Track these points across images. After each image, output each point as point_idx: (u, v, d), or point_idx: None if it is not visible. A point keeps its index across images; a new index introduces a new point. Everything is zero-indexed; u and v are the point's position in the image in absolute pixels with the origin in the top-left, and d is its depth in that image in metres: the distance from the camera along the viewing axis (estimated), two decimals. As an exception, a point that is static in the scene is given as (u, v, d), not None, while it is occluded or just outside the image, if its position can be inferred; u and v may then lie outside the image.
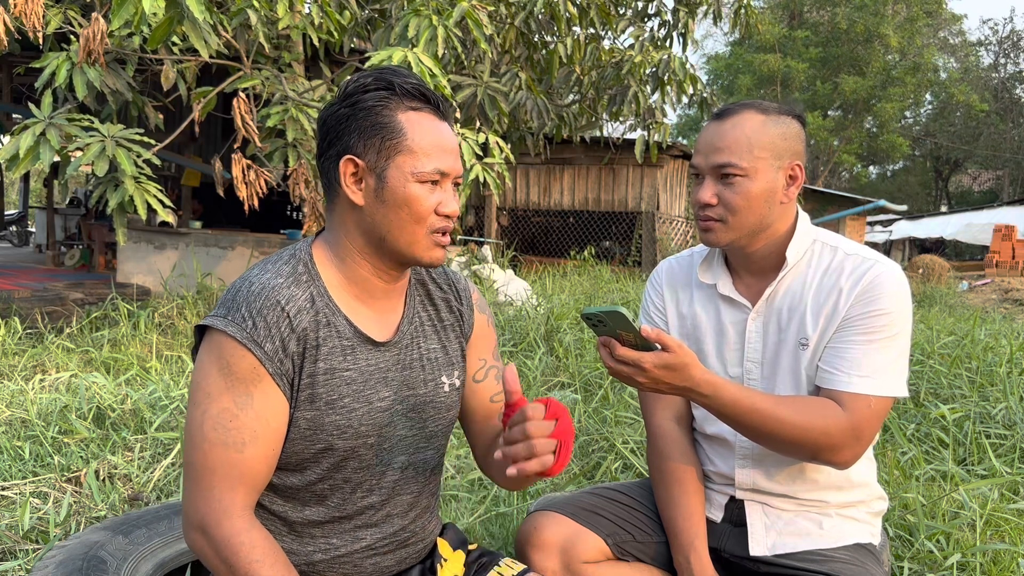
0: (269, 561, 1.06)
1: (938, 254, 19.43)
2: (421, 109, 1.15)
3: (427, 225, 1.15)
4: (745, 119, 1.35)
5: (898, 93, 26.48)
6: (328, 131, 1.16)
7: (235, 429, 1.08)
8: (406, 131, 1.13)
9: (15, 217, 15.73)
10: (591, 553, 1.44)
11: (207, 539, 1.08)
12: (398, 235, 1.15)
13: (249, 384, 1.09)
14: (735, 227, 1.37)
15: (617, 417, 3.10)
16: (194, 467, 1.09)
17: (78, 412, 2.91)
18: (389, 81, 1.14)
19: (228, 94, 4.95)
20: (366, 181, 1.14)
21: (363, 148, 1.13)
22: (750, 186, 1.34)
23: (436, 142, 1.14)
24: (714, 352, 1.48)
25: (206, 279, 6.67)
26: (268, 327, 1.10)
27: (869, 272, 1.35)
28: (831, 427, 1.28)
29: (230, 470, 1.08)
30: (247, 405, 1.09)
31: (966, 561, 1.94)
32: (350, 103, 1.15)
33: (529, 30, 6.57)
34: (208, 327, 1.12)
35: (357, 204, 1.15)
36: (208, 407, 1.09)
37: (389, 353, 1.21)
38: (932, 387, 3.65)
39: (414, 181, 1.13)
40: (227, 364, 1.09)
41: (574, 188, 12.00)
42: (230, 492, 1.08)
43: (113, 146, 4.04)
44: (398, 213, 1.13)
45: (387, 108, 1.13)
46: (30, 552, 1.96)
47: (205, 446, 1.08)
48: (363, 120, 1.13)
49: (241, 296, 1.12)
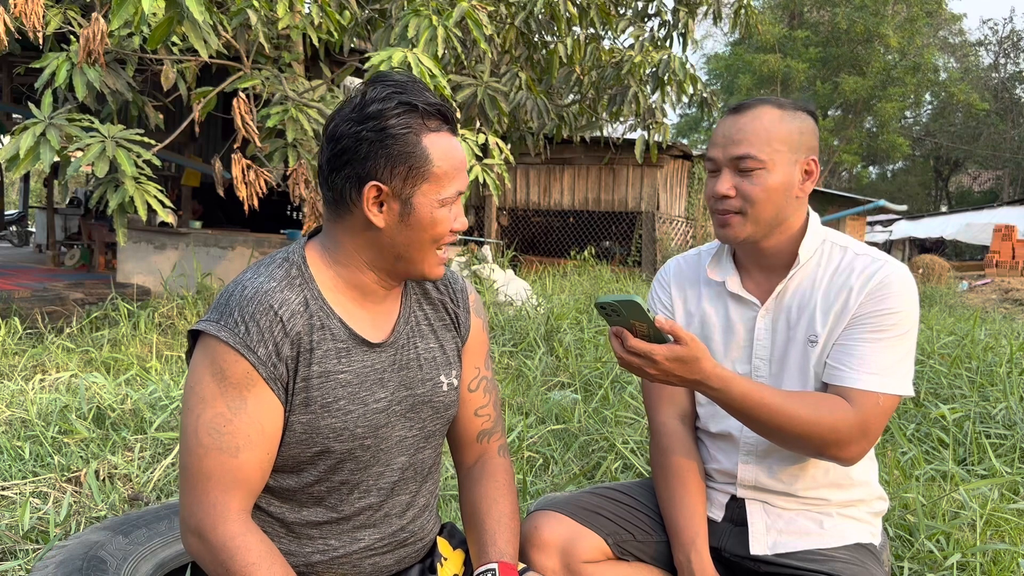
0: (266, 564, 1.06)
1: (938, 254, 19.43)
2: (440, 129, 1.15)
3: (441, 242, 1.18)
4: (763, 112, 1.36)
5: (898, 93, 26.48)
6: (345, 151, 1.13)
7: (229, 434, 1.09)
8: (431, 158, 1.13)
9: (15, 217, 15.74)
10: (591, 553, 1.44)
11: (203, 543, 1.08)
12: (414, 254, 1.17)
13: (242, 389, 1.09)
14: (753, 219, 1.37)
15: (617, 417, 3.10)
16: (189, 472, 1.10)
17: (78, 412, 2.91)
18: (413, 104, 1.13)
19: (228, 94, 4.95)
20: (389, 205, 1.14)
21: (389, 175, 1.12)
22: (768, 178, 1.35)
23: (455, 164, 1.16)
24: (722, 349, 1.49)
25: (206, 279, 6.68)
26: (261, 332, 1.10)
27: (880, 272, 1.35)
28: (839, 423, 1.29)
29: (225, 474, 1.09)
30: (241, 410, 1.09)
31: (966, 561, 1.94)
32: (375, 128, 1.11)
33: (529, 30, 6.56)
34: (201, 332, 1.12)
35: (376, 225, 1.15)
36: (202, 412, 1.09)
37: (385, 354, 1.21)
38: (932, 387, 3.65)
39: (440, 207, 1.15)
40: (220, 369, 1.09)
41: (574, 188, 12.00)
42: (225, 496, 1.09)
43: (113, 147, 4.04)
44: (420, 236, 1.15)
45: (412, 134, 1.12)
46: (30, 552, 1.96)
47: (200, 451, 1.09)
48: (391, 147, 1.12)
49: (234, 301, 1.12)
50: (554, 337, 4.78)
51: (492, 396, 1.39)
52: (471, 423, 1.37)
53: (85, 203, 11.57)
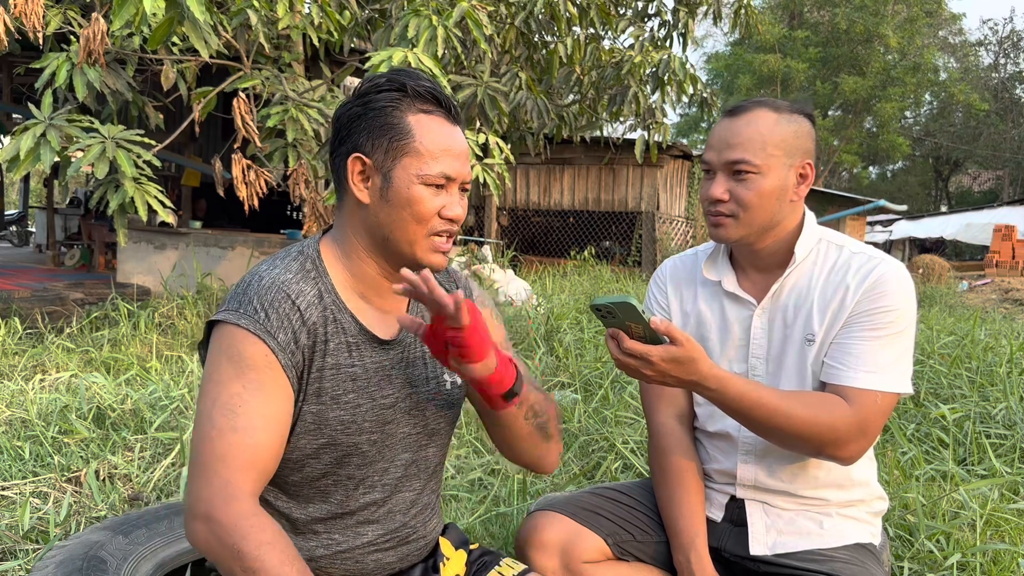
0: (280, 545, 1.03)
1: (938, 254, 19.42)
2: (432, 112, 1.16)
3: (429, 227, 1.15)
4: (758, 116, 1.36)
5: (898, 93, 26.47)
6: (340, 128, 1.18)
7: (244, 415, 1.07)
8: (414, 133, 1.14)
9: (15, 217, 15.75)
10: (591, 553, 1.45)
11: (213, 526, 1.03)
12: (400, 235, 1.16)
13: (260, 372, 1.09)
14: (745, 223, 1.38)
15: (617, 417, 3.11)
16: (201, 455, 1.07)
17: (78, 412, 2.91)
18: (402, 83, 1.15)
19: (228, 94, 4.95)
20: (372, 180, 1.15)
21: (371, 147, 1.15)
22: (762, 183, 1.35)
23: (444, 146, 1.15)
24: (718, 349, 1.49)
25: (206, 279, 6.67)
26: (280, 319, 1.11)
27: (876, 270, 1.35)
28: (837, 422, 1.29)
29: (238, 455, 1.06)
30: (257, 392, 1.09)
31: (966, 561, 1.94)
32: (362, 102, 1.16)
33: (529, 30, 6.56)
34: (219, 321, 1.12)
35: (363, 202, 1.16)
36: (218, 394, 1.08)
37: (393, 351, 1.22)
38: (932, 387, 3.65)
39: (419, 183, 1.13)
40: (239, 352, 1.09)
41: (574, 188, 12.00)
42: (238, 476, 1.06)
43: (113, 147, 4.04)
44: (401, 213, 1.14)
45: (397, 109, 1.14)
46: (30, 552, 1.96)
47: (213, 433, 1.07)
48: (373, 120, 1.14)
49: (252, 290, 1.13)
50: (554, 337, 4.78)
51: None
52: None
53: (85, 203, 11.57)
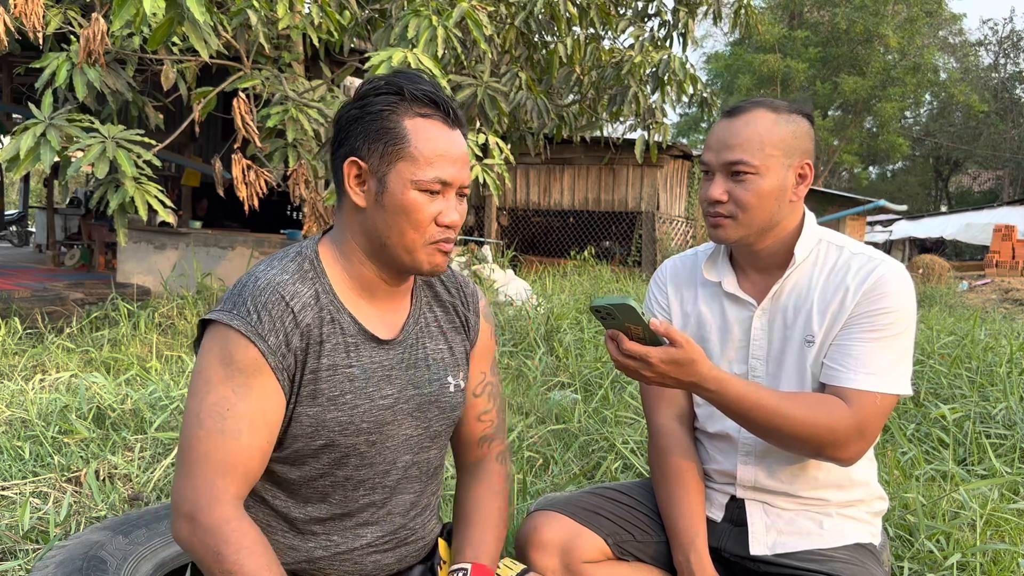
0: (259, 551, 1.05)
1: (938, 254, 19.43)
2: (431, 116, 1.15)
3: (426, 235, 1.15)
4: (757, 117, 1.36)
5: (898, 93, 26.46)
6: (339, 131, 1.18)
7: (232, 418, 1.09)
8: (410, 137, 1.13)
9: (15, 217, 15.75)
10: (591, 553, 1.45)
11: (195, 527, 1.06)
12: (397, 241, 1.15)
13: (249, 375, 1.10)
14: (744, 224, 1.38)
15: (617, 417, 3.10)
16: (188, 454, 1.09)
17: (78, 412, 2.91)
18: (400, 86, 1.14)
19: (228, 94, 4.95)
20: (368, 184, 1.15)
21: (367, 151, 1.14)
22: (761, 184, 1.35)
23: (440, 150, 1.14)
24: (718, 350, 1.49)
25: (206, 279, 6.67)
26: (272, 321, 1.11)
27: (876, 271, 1.35)
28: (836, 423, 1.28)
29: (225, 457, 1.08)
30: (246, 396, 1.09)
31: (966, 561, 1.94)
32: (360, 105, 1.16)
33: (529, 30, 6.56)
34: (212, 321, 1.13)
35: (360, 206, 1.16)
36: (207, 395, 1.09)
37: (393, 351, 1.22)
38: (932, 387, 3.65)
39: (413, 189, 1.13)
40: (229, 355, 1.10)
41: (574, 188, 12.00)
42: (222, 480, 1.08)
43: (113, 147, 4.04)
44: (396, 219, 1.14)
45: (394, 113, 1.14)
46: (30, 552, 1.96)
47: (200, 433, 1.08)
48: (369, 123, 1.14)
49: (247, 291, 1.13)
50: (554, 337, 4.78)
51: (496, 402, 1.40)
52: (473, 427, 1.38)
53: (85, 203, 11.59)
